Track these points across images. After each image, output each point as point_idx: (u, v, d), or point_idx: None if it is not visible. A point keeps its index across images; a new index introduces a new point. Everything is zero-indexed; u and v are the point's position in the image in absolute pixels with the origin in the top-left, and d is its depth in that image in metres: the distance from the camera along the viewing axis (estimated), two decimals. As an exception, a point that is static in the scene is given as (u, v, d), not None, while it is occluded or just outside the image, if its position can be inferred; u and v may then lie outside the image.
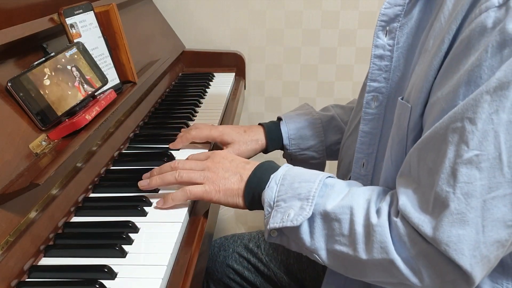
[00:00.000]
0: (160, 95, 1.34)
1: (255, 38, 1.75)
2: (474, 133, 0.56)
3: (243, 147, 1.02)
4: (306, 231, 0.68)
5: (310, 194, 0.68)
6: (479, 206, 0.57)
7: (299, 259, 1.02)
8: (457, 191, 0.57)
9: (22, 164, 0.70)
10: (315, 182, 0.69)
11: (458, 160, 0.57)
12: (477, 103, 0.56)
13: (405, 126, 0.67)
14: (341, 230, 0.66)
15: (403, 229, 0.61)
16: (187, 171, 0.79)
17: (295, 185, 0.70)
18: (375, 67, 0.74)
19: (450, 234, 0.57)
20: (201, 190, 0.77)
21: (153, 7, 1.60)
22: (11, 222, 0.65)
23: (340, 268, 0.70)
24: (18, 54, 0.81)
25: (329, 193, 0.69)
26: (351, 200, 0.67)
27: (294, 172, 0.73)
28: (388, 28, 0.73)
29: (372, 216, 0.64)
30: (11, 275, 0.62)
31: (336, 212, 0.66)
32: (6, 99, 0.73)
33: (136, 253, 0.69)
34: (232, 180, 0.77)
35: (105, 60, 0.99)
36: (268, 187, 0.72)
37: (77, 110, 0.84)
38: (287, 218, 0.68)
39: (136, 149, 1.03)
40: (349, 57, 1.76)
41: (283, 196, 0.70)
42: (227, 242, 1.09)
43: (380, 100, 0.75)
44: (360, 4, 1.69)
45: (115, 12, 1.02)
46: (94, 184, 0.87)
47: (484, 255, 0.58)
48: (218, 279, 1.06)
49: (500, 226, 0.57)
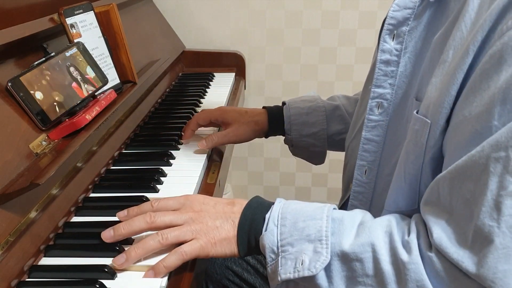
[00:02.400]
0: (160, 95, 1.35)
1: (255, 38, 1.75)
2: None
3: (242, 128, 1.01)
4: (322, 276, 0.61)
5: (322, 234, 0.61)
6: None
7: None
8: (502, 225, 0.52)
9: (22, 164, 0.70)
10: (323, 219, 0.63)
11: (502, 192, 0.52)
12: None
13: (422, 143, 0.63)
14: (364, 271, 0.60)
15: (439, 264, 0.56)
16: (171, 231, 0.66)
17: (300, 224, 0.63)
18: (381, 72, 0.71)
19: (496, 271, 0.53)
20: (197, 247, 0.66)
21: (153, 7, 1.60)
22: (11, 222, 0.65)
23: None
24: (18, 54, 0.81)
25: (341, 230, 0.62)
26: (370, 235, 0.60)
27: (292, 208, 0.66)
28: (396, 32, 0.69)
29: (400, 252, 0.58)
30: (11, 275, 0.62)
31: (356, 251, 0.60)
32: (6, 99, 0.73)
33: (136, 253, 0.69)
34: (225, 227, 0.67)
35: (105, 60, 0.99)
36: (266, 230, 0.65)
37: (77, 110, 0.84)
38: (302, 266, 0.61)
39: (136, 149, 1.03)
40: (349, 57, 1.76)
41: (288, 239, 0.63)
42: None
43: (384, 107, 0.72)
44: (360, 4, 1.69)
45: (115, 12, 1.03)
46: (94, 184, 0.87)
47: None
48: (217, 281, 1.06)
49: None
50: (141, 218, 0.67)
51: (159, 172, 0.90)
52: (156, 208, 0.70)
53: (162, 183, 0.88)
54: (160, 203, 0.71)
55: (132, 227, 0.67)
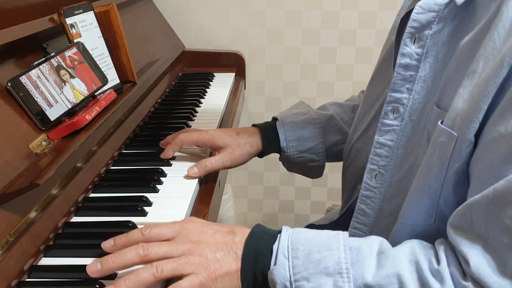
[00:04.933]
0: (160, 95, 1.35)
1: (255, 38, 1.75)
2: None
3: (237, 151, 0.93)
4: None
5: (342, 266, 0.57)
6: None
7: None
8: None
9: (22, 164, 0.70)
10: (340, 249, 0.58)
11: None
12: None
13: (447, 156, 0.60)
14: None
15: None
16: (167, 263, 0.59)
17: (315, 256, 0.58)
18: (399, 77, 0.69)
19: None
20: (197, 284, 0.59)
21: (153, 7, 1.60)
22: (11, 222, 0.65)
23: None
24: (18, 54, 0.81)
25: (360, 260, 0.58)
26: (393, 265, 0.56)
27: (304, 238, 0.61)
28: (417, 35, 0.66)
29: (431, 282, 0.55)
30: (11, 275, 0.62)
31: (381, 283, 0.56)
32: (6, 99, 0.73)
33: (136, 253, 0.69)
34: (227, 260, 0.61)
35: (105, 60, 0.99)
36: (276, 264, 0.59)
37: (77, 110, 0.84)
38: None
39: (136, 149, 1.03)
40: (349, 57, 1.76)
41: (302, 273, 0.57)
42: None
43: (400, 112, 0.70)
44: (360, 4, 1.69)
45: (115, 12, 1.02)
46: (94, 184, 0.87)
47: None
48: None
49: None
50: (132, 250, 0.60)
51: (159, 172, 0.90)
52: (147, 237, 0.63)
53: (162, 183, 0.88)
54: (152, 232, 0.63)
55: (122, 260, 0.60)
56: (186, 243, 0.62)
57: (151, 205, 0.81)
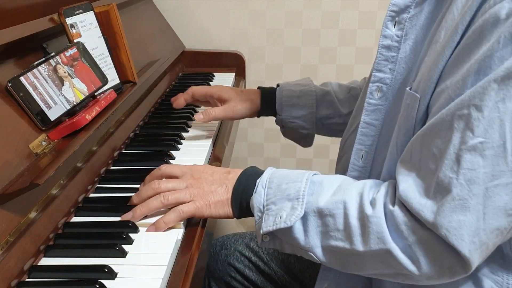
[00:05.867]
0: (160, 95, 1.34)
1: (255, 38, 1.75)
2: (480, 121, 0.56)
3: (239, 105, 1.08)
4: (300, 230, 0.68)
5: (300, 193, 0.68)
6: (481, 193, 0.57)
7: (300, 258, 1.02)
8: (460, 177, 0.57)
9: (22, 164, 0.70)
10: (302, 181, 0.70)
11: (463, 147, 0.57)
12: (484, 91, 0.56)
13: (413, 116, 0.67)
14: (335, 225, 0.66)
15: (400, 218, 0.62)
16: (172, 193, 0.76)
17: (283, 186, 0.70)
18: (382, 57, 0.74)
19: (451, 219, 0.58)
20: (193, 208, 0.75)
21: (153, 7, 1.60)
22: (11, 222, 0.65)
23: (337, 264, 0.70)
24: (18, 54, 0.81)
25: (318, 190, 0.69)
26: (343, 194, 0.67)
27: (279, 174, 0.73)
28: (397, 18, 0.72)
29: (366, 207, 0.64)
30: (11, 275, 0.62)
31: (330, 207, 0.67)
32: (6, 99, 0.73)
33: (136, 253, 0.69)
34: (219, 191, 0.76)
35: (105, 60, 0.99)
36: (255, 192, 0.72)
37: (77, 110, 0.84)
38: (280, 220, 0.68)
39: (136, 149, 1.03)
40: (349, 57, 1.76)
41: (272, 199, 0.70)
42: (229, 240, 1.09)
43: (384, 91, 0.74)
44: (360, 4, 1.69)
45: (115, 12, 1.02)
46: (94, 185, 0.87)
47: (483, 242, 0.58)
48: (220, 277, 1.07)
49: (501, 214, 0.57)
50: (153, 200, 0.76)
51: (159, 172, 0.90)
52: (162, 172, 0.82)
53: (162, 183, 0.88)
54: (167, 169, 0.82)
55: (149, 208, 0.76)
56: (189, 179, 0.78)
57: (151, 205, 0.81)
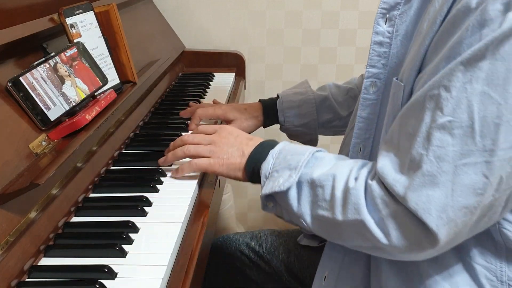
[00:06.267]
0: (160, 95, 1.34)
1: (255, 38, 1.75)
2: (448, 100, 0.59)
3: (244, 124, 1.15)
4: (294, 197, 0.73)
5: (299, 164, 0.73)
6: (451, 171, 0.59)
7: (300, 257, 1.02)
8: (430, 153, 0.60)
9: (22, 164, 0.70)
10: (305, 155, 0.75)
11: (433, 125, 0.60)
12: (452, 72, 0.59)
13: (398, 104, 0.69)
14: (323, 196, 0.70)
15: (377, 191, 0.65)
16: (194, 146, 0.86)
17: (288, 157, 0.75)
18: (374, 53, 0.76)
19: (420, 194, 0.60)
20: (206, 163, 0.84)
21: (153, 7, 1.60)
22: (11, 222, 0.65)
23: (322, 232, 0.74)
24: (18, 54, 0.81)
25: (317, 164, 0.74)
26: (336, 169, 0.71)
27: (289, 147, 0.78)
28: (388, 15, 0.74)
29: (350, 181, 0.68)
30: (11, 275, 0.62)
31: (321, 179, 0.71)
32: (6, 99, 0.73)
33: (136, 253, 0.69)
34: (235, 155, 0.83)
35: (105, 60, 0.99)
36: (266, 161, 0.77)
37: (77, 110, 0.84)
38: (276, 184, 0.73)
39: (136, 149, 1.03)
40: (349, 57, 1.76)
41: (277, 167, 0.75)
42: (229, 240, 1.10)
43: (378, 86, 0.77)
44: (360, 4, 1.69)
45: (115, 12, 1.02)
46: (94, 184, 0.87)
47: (450, 218, 0.60)
48: (220, 276, 1.07)
49: (469, 193, 0.59)
50: (179, 150, 0.88)
51: (159, 172, 0.90)
52: (198, 129, 0.93)
53: (162, 183, 0.88)
54: (201, 127, 0.93)
55: (175, 156, 0.89)
56: (214, 137, 0.87)
57: (151, 205, 0.81)
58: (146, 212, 0.79)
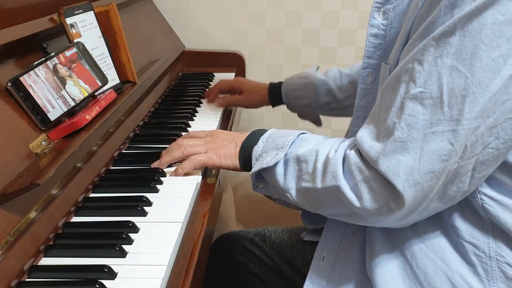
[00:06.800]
0: (160, 95, 1.34)
1: (255, 38, 1.75)
2: (420, 73, 0.64)
3: (251, 97, 1.31)
4: (281, 173, 0.78)
5: (285, 143, 0.78)
6: (420, 138, 0.64)
7: (303, 252, 1.03)
8: (402, 122, 0.65)
9: (22, 164, 0.70)
10: (291, 136, 0.80)
11: (406, 96, 0.65)
12: (425, 47, 0.64)
13: None
14: (307, 169, 0.75)
15: (353, 159, 0.70)
16: (191, 146, 0.90)
17: (276, 139, 0.81)
18: (370, 45, 0.80)
19: (391, 158, 0.65)
20: (205, 157, 0.88)
21: (153, 7, 1.60)
22: (11, 222, 0.65)
23: (306, 204, 0.79)
24: (18, 54, 0.81)
25: (302, 144, 0.79)
26: (320, 146, 0.76)
27: (278, 132, 0.84)
28: (382, 9, 0.78)
29: (331, 153, 0.73)
30: (11, 275, 0.62)
31: (305, 155, 0.76)
32: (6, 99, 0.73)
33: (136, 253, 0.69)
34: (229, 146, 0.88)
35: (105, 60, 0.99)
36: (256, 145, 0.83)
37: (77, 110, 0.84)
38: (264, 162, 0.78)
39: (136, 149, 1.03)
40: (349, 57, 1.76)
41: (265, 149, 0.81)
42: (233, 235, 1.11)
43: (374, 76, 0.80)
44: (360, 4, 1.69)
45: (115, 12, 1.03)
46: (94, 184, 0.87)
47: (417, 181, 0.64)
48: (223, 271, 1.08)
49: (435, 159, 0.64)
50: (175, 150, 0.91)
51: (159, 172, 0.90)
52: (189, 133, 0.99)
53: (162, 183, 0.88)
54: (192, 133, 0.99)
55: (172, 157, 0.91)
56: (207, 137, 0.92)
57: (151, 205, 0.81)
58: (146, 212, 0.79)
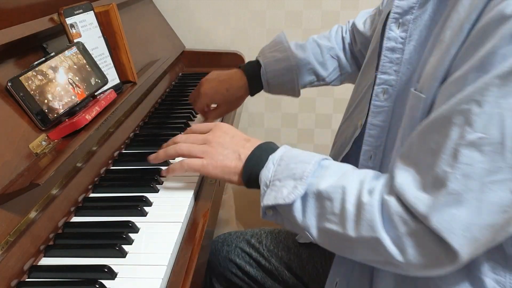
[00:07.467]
0: (160, 95, 1.34)
1: (255, 38, 1.75)
2: (480, 116, 0.56)
3: (231, 105, 1.19)
4: (299, 209, 0.69)
5: (304, 174, 0.69)
6: (477, 189, 0.57)
7: (299, 255, 1.03)
8: (456, 171, 0.57)
9: (22, 164, 0.70)
10: (310, 163, 0.70)
11: (461, 142, 0.57)
12: (486, 86, 0.55)
13: (417, 116, 0.66)
14: (332, 209, 0.66)
15: (394, 208, 0.62)
16: (187, 145, 0.82)
17: (291, 165, 0.71)
18: (386, 59, 0.74)
19: (444, 213, 0.58)
20: (199, 164, 0.79)
21: (153, 7, 1.60)
22: (11, 222, 0.65)
23: (330, 246, 0.71)
24: (18, 54, 0.81)
25: (323, 174, 0.70)
26: (345, 180, 0.67)
27: (291, 153, 0.74)
28: (401, 20, 0.72)
29: (364, 195, 0.64)
30: (11, 275, 0.62)
31: (329, 191, 0.67)
32: (6, 99, 0.73)
33: (136, 253, 0.69)
34: (230, 157, 0.78)
35: (105, 60, 0.99)
36: (265, 167, 0.73)
37: (77, 110, 0.84)
38: (280, 196, 0.69)
39: (136, 149, 1.03)
40: (349, 57, 1.76)
41: (279, 176, 0.71)
42: (230, 237, 1.10)
43: (389, 92, 0.75)
44: (360, 4, 1.69)
45: (115, 12, 1.02)
46: (94, 184, 0.87)
47: (475, 237, 0.58)
48: (221, 273, 1.07)
49: (495, 211, 0.57)
50: (171, 148, 0.84)
51: (159, 172, 0.90)
52: (192, 128, 0.88)
53: (162, 183, 0.88)
54: (195, 126, 0.88)
55: (166, 154, 0.84)
56: (209, 136, 0.82)
57: (151, 205, 0.81)
58: (146, 212, 0.79)
